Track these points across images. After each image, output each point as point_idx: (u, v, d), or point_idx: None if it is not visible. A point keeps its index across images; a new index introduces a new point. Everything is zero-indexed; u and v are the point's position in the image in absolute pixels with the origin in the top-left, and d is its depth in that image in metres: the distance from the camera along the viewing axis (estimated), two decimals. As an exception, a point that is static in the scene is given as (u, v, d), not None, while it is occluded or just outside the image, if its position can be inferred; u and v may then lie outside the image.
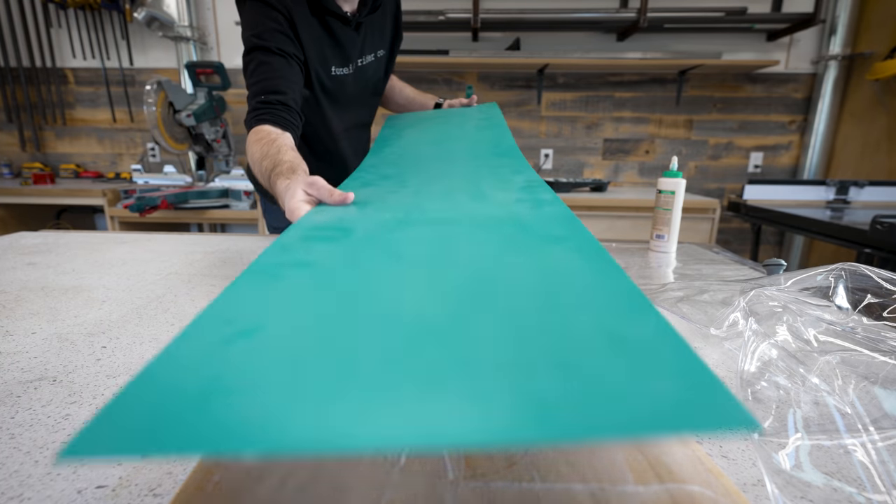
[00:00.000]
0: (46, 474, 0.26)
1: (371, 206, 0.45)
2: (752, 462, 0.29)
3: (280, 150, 0.62)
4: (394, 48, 0.97)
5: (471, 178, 0.55)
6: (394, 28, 0.95)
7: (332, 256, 0.30)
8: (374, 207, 0.44)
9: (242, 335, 0.21)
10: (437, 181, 0.55)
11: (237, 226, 2.48)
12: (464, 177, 0.56)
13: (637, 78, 2.24)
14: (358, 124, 0.99)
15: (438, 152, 0.72)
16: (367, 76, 0.92)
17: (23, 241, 0.86)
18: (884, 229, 1.17)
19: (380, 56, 0.93)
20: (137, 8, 2.10)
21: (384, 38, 0.93)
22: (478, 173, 0.57)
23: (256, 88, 0.71)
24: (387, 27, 0.92)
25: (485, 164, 0.63)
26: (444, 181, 0.54)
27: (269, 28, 0.72)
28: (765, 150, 2.29)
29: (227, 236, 0.92)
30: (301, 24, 0.75)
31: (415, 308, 0.23)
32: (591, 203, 1.85)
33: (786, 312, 0.43)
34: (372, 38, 0.89)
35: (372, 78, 0.94)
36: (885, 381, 0.36)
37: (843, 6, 2.05)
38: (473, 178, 0.55)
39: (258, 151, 0.64)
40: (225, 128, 2.09)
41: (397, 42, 0.97)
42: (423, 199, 0.46)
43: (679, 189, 0.84)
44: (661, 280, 0.69)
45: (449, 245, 0.32)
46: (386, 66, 0.97)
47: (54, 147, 2.43)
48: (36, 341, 0.44)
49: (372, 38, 0.89)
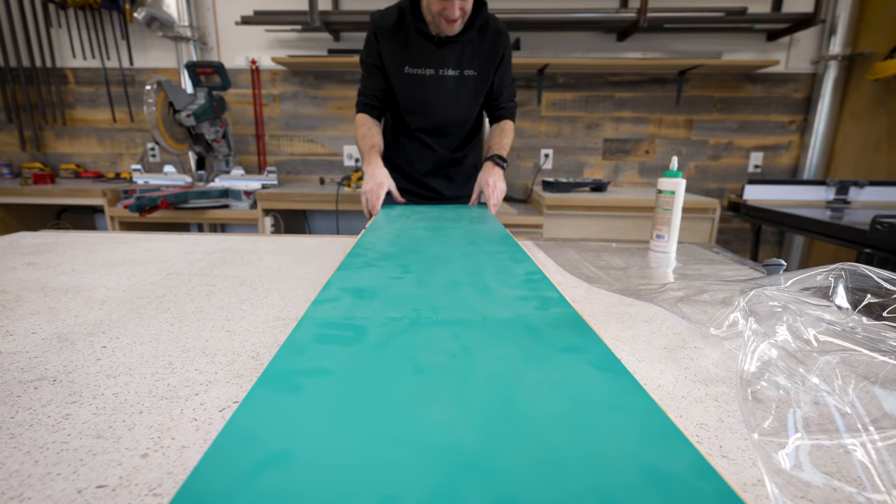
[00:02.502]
0: (46, 474, 0.26)
1: (379, 299, 0.45)
2: (752, 462, 0.29)
3: (372, 134, 1.17)
4: (486, 73, 1.17)
5: (472, 268, 0.56)
6: (488, 57, 1.15)
7: (348, 363, 0.31)
8: (382, 301, 0.44)
9: (272, 462, 0.21)
10: (440, 269, 0.56)
11: (237, 226, 2.48)
12: (465, 266, 0.57)
13: (637, 78, 2.24)
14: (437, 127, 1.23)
15: (435, 236, 0.76)
16: (447, 86, 1.15)
17: (23, 241, 0.86)
18: (884, 229, 1.17)
19: (467, 74, 1.16)
20: (137, 8, 2.10)
21: (474, 61, 1.15)
22: (477, 261, 0.59)
23: (360, 89, 1.20)
24: (480, 53, 1.14)
25: (482, 250, 0.66)
26: (446, 269, 0.56)
27: (366, 46, 1.16)
28: (765, 150, 2.29)
29: (227, 236, 0.92)
30: (382, 38, 1.12)
31: (446, 434, 0.23)
32: (591, 203, 1.85)
33: (786, 312, 0.43)
34: (459, 57, 1.13)
35: (454, 89, 1.16)
36: (885, 381, 0.36)
37: (843, 6, 2.05)
38: (475, 268, 0.56)
39: (360, 131, 1.18)
40: (225, 128, 2.09)
41: (490, 69, 1.16)
42: (431, 292, 0.47)
43: (679, 189, 0.84)
44: (661, 280, 0.69)
45: (466, 355, 0.32)
46: (475, 85, 1.18)
47: (54, 147, 2.43)
48: (36, 341, 0.44)
49: (458, 57, 1.13)
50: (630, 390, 0.27)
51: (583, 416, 0.25)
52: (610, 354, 0.32)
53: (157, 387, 0.36)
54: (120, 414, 0.33)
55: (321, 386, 0.28)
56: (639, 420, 0.24)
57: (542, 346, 0.34)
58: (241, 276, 0.65)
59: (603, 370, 0.30)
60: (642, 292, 0.62)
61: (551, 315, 0.40)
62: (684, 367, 0.42)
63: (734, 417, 0.34)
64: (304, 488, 0.19)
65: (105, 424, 0.31)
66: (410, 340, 0.35)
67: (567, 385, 0.28)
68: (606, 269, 0.74)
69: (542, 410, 0.25)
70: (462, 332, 0.37)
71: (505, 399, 0.27)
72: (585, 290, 0.64)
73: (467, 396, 0.27)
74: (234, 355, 0.42)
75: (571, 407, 0.25)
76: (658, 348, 0.46)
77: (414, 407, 0.26)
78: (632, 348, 0.46)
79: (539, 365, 0.31)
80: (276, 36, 2.26)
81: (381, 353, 0.33)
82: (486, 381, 0.29)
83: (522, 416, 0.25)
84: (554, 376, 0.29)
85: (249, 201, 1.96)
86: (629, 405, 0.25)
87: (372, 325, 0.38)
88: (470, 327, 0.38)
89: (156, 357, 0.41)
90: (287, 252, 0.81)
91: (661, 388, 0.38)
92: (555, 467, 0.20)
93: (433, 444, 0.22)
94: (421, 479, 0.20)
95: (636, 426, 0.23)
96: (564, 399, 0.26)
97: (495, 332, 0.37)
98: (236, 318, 0.50)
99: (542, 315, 0.40)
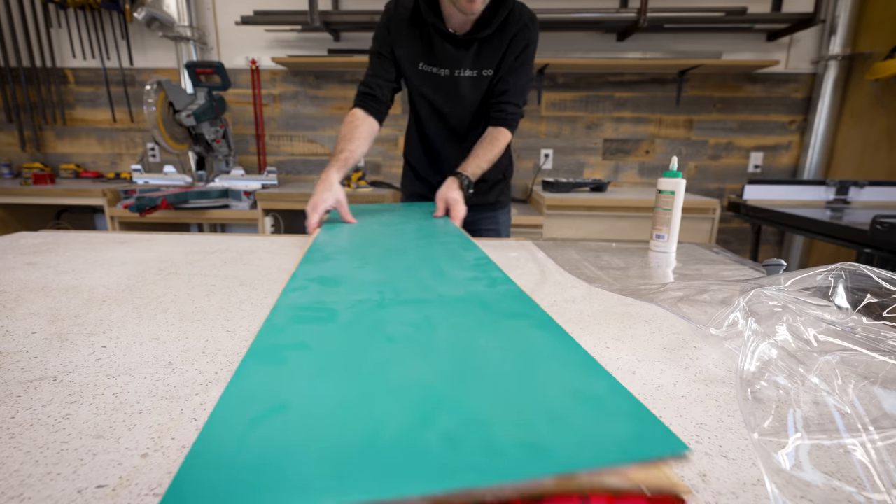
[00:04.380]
0: (46, 474, 0.26)
1: (344, 286, 0.48)
2: (752, 462, 0.29)
3: (351, 138, 0.98)
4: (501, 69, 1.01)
5: (427, 256, 0.61)
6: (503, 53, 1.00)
7: (326, 338, 0.33)
8: (348, 287, 0.48)
9: (271, 413, 0.24)
10: (397, 258, 0.60)
11: (237, 226, 2.48)
12: (420, 255, 0.62)
13: (637, 78, 2.24)
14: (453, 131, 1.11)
15: (389, 231, 0.80)
16: (463, 87, 1.03)
17: (23, 241, 0.86)
18: (884, 229, 1.17)
19: (485, 75, 1.02)
20: (137, 8, 2.10)
21: (493, 59, 1.00)
22: (431, 250, 0.65)
23: (363, 80, 1.04)
24: (501, 50, 1.00)
25: (435, 241, 0.71)
26: (403, 258, 0.60)
27: (377, 36, 1.03)
28: (765, 150, 2.29)
29: (227, 236, 0.92)
30: (395, 29, 1.00)
31: (420, 382, 0.28)
32: (591, 203, 1.85)
33: (786, 312, 0.43)
34: (476, 55, 1.00)
35: (470, 90, 1.04)
36: (885, 381, 0.36)
37: (843, 6, 2.05)
38: (429, 256, 0.61)
39: (343, 130, 1.00)
40: (225, 128, 2.09)
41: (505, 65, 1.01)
42: (391, 277, 0.51)
43: (679, 189, 0.84)
44: (661, 280, 0.69)
45: (429, 326, 0.38)
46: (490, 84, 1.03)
47: (54, 147, 2.43)
48: (36, 341, 0.44)
49: (476, 55, 1.00)
50: (564, 342, 0.34)
51: (527, 361, 0.31)
52: (549, 319, 0.39)
53: (157, 387, 0.36)
54: (120, 414, 0.33)
55: (304, 356, 0.31)
56: (571, 362, 0.31)
57: (492, 315, 0.40)
58: (241, 276, 0.65)
59: (543, 329, 0.36)
60: (642, 292, 0.62)
61: (499, 291, 0.47)
62: (684, 367, 0.42)
63: (734, 417, 0.34)
64: (303, 429, 0.23)
65: (105, 424, 0.31)
66: (378, 317, 0.39)
67: (514, 341, 0.34)
68: (606, 269, 0.74)
69: (495, 359, 0.31)
70: (423, 308, 0.41)
71: (465, 353, 0.32)
72: (585, 290, 0.64)
73: (434, 354, 0.32)
74: (234, 355, 0.41)
75: (518, 356, 0.32)
76: (658, 348, 0.46)
77: (389, 364, 0.30)
78: (632, 348, 0.46)
79: (491, 328, 0.37)
80: (276, 36, 2.26)
81: (353, 328, 0.37)
82: (448, 342, 0.34)
83: (480, 364, 0.31)
84: (503, 335, 0.36)
85: (249, 201, 1.96)
86: (563, 352, 0.32)
87: (341, 307, 0.42)
88: (429, 304, 0.43)
89: (156, 357, 0.41)
90: (287, 252, 0.81)
91: (661, 388, 0.38)
92: (507, 397, 0.26)
93: (409, 388, 0.27)
94: (402, 414, 0.24)
95: (568, 366, 0.30)
96: (512, 351, 0.33)
97: (452, 307, 0.42)
98: (236, 318, 0.50)
99: (491, 291, 0.46)
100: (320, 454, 0.21)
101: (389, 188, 2.15)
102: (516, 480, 0.20)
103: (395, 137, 2.35)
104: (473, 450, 0.21)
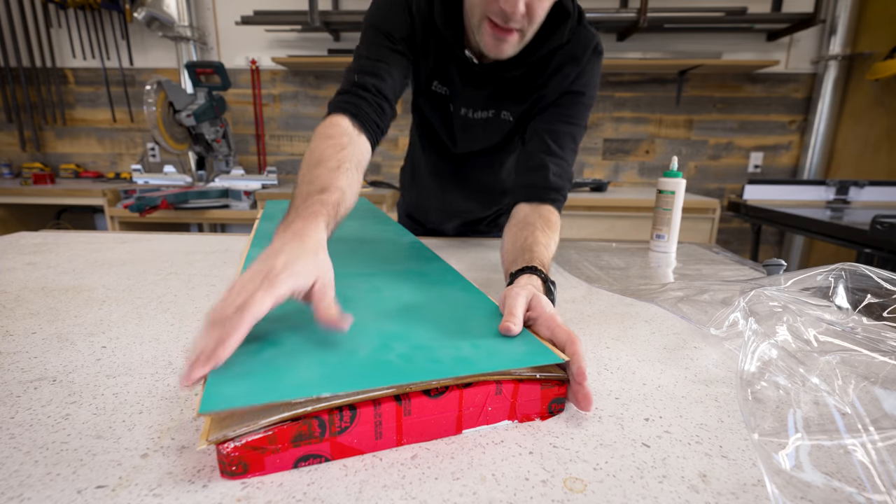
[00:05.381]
0: (46, 474, 0.26)
1: None
2: (752, 462, 0.29)
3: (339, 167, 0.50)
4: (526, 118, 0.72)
5: (366, 240, 0.70)
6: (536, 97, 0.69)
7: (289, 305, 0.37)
8: None
9: (266, 347, 0.33)
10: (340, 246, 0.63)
11: (237, 226, 2.48)
12: (363, 241, 0.70)
13: (637, 78, 2.24)
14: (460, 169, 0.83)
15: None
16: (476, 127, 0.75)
17: (23, 241, 0.86)
18: (884, 229, 1.17)
19: (505, 118, 0.73)
20: (137, 8, 2.10)
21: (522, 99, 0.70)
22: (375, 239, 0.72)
23: (357, 64, 0.62)
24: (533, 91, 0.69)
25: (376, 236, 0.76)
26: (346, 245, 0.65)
27: (386, 12, 0.65)
28: (765, 150, 2.29)
29: (227, 236, 0.92)
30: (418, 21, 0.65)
31: (376, 325, 0.38)
32: (591, 203, 1.85)
33: (786, 312, 0.43)
34: (498, 93, 0.70)
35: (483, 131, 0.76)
36: (886, 382, 0.36)
37: (843, 6, 2.05)
38: (371, 241, 0.69)
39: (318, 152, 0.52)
40: (225, 128, 2.09)
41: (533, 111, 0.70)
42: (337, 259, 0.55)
43: (679, 189, 0.84)
44: (661, 280, 0.69)
45: (379, 289, 0.47)
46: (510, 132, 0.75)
47: (54, 147, 2.43)
48: (36, 341, 0.44)
49: (497, 95, 0.70)
50: (481, 299, 0.45)
51: (454, 310, 0.42)
52: (471, 284, 0.50)
53: (157, 387, 0.36)
54: (120, 414, 0.33)
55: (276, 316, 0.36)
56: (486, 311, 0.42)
57: (427, 281, 0.51)
58: (241, 276, 0.65)
59: (466, 291, 0.48)
60: (642, 292, 0.62)
61: (433, 267, 0.57)
62: (684, 368, 0.42)
63: (734, 417, 0.34)
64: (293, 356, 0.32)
65: (105, 424, 0.31)
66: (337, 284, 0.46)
67: (446, 297, 0.46)
68: (606, 269, 0.74)
69: (432, 309, 0.42)
70: (370, 279, 0.50)
71: (409, 305, 0.43)
72: (585, 290, 0.64)
73: (384, 307, 0.42)
74: (234, 355, 0.41)
75: (448, 306, 0.43)
76: (658, 348, 0.46)
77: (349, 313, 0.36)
78: (632, 348, 0.46)
79: (427, 289, 0.48)
80: (276, 36, 2.26)
81: None
82: (394, 299, 0.44)
83: (421, 312, 0.41)
84: (437, 294, 0.47)
85: (249, 201, 1.96)
86: (480, 304, 0.44)
87: None
88: (375, 276, 0.51)
89: (155, 357, 0.41)
90: (287, 252, 0.80)
91: (661, 388, 0.38)
92: (441, 333, 0.37)
93: (369, 327, 0.37)
94: (366, 343, 0.34)
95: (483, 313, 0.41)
96: (444, 302, 0.44)
97: (396, 277, 0.52)
98: (236, 318, 0.50)
99: (427, 267, 0.57)
100: (310, 367, 0.30)
101: (389, 188, 2.14)
102: (451, 377, 0.30)
103: (396, 137, 2.35)
104: (421, 362, 0.31)
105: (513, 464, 0.28)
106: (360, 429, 0.28)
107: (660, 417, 0.34)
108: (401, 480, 0.27)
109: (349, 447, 0.28)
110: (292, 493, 0.26)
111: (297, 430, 0.27)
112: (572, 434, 0.32)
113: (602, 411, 0.34)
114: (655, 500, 0.26)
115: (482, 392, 0.31)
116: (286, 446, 0.27)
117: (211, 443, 0.25)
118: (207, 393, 0.27)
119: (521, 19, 0.54)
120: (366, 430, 0.28)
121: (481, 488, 0.26)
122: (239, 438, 0.26)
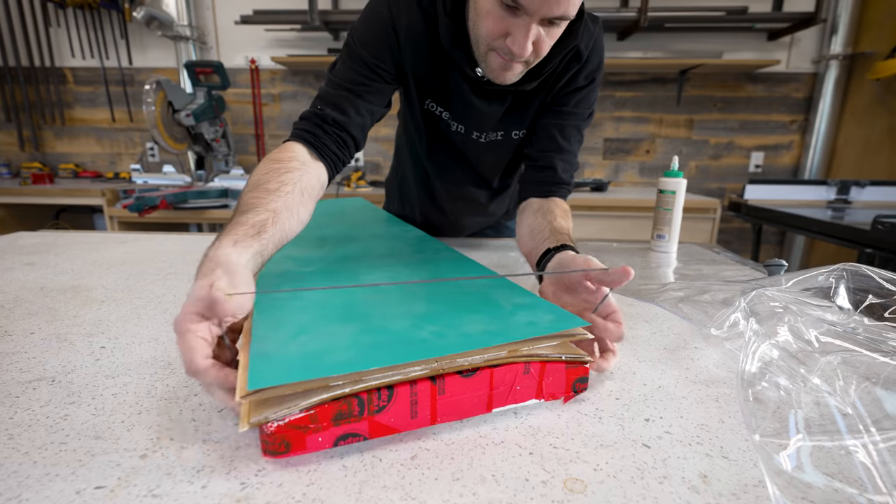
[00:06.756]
0: (45, 475, 0.26)
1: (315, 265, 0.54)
2: (753, 463, 0.29)
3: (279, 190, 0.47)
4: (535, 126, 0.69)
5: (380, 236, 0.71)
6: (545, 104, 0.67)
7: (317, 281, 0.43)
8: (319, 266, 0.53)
9: (302, 331, 0.34)
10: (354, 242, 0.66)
11: (237, 225, 2.48)
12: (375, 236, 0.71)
13: (637, 77, 2.24)
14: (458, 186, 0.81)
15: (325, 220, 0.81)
16: (484, 149, 0.73)
17: (21, 241, 0.86)
18: (885, 229, 1.17)
19: (515, 136, 0.71)
20: (136, 7, 2.10)
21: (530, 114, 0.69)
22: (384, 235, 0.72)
23: (325, 90, 0.61)
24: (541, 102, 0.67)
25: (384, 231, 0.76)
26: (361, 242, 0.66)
27: (367, 33, 0.61)
28: (766, 150, 2.29)
29: (227, 236, 0.92)
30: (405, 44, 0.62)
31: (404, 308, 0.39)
32: (592, 203, 1.85)
33: (787, 313, 0.43)
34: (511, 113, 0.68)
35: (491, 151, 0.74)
36: (887, 382, 0.35)
37: (844, 6, 2.05)
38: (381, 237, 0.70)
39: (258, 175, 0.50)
40: (224, 127, 2.09)
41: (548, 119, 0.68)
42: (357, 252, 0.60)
43: (680, 189, 0.84)
44: (661, 280, 0.69)
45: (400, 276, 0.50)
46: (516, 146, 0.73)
47: (53, 147, 2.43)
48: (35, 341, 0.44)
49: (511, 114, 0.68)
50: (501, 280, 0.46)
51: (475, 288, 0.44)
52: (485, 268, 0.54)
53: (157, 387, 0.36)
54: (119, 414, 0.32)
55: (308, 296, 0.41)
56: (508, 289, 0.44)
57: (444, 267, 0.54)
58: (240, 276, 0.65)
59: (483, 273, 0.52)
60: (643, 292, 0.62)
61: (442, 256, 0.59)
62: (685, 368, 0.41)
63: (735, 418, 0.34)
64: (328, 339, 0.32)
65: (104, 425, 0.31)
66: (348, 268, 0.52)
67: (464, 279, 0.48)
68: (607, 269, 0.73)
69: (454, 291, 0.43)
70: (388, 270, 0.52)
71: (431, 288, 0.45)
72: (586, 290, 0.64)
73: (408, 291, 0.44)
74: (234, 355, 0.41)
75: (468, 287, 0.45)
76: (659, 348, 0.46)
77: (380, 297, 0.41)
78: (632, 348, 0.45)
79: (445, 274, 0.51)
80: (276, 35, 2.25)
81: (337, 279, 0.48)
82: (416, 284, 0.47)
83: (444, 294, 0.43)
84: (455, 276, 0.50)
85: (249, 201, 1.95)
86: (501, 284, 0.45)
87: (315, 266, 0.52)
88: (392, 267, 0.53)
89: (155, 358, 0.41)
90: (287, 252, 0.80)
91: (662, 389, 0.38)
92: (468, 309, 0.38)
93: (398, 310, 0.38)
94: (398, 324, 0.35)
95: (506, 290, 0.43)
96: (463, 284, 0.46)
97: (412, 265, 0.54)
98: (236, 318, 0.50)
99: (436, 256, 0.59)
100: (348, 348, 0.31)
101: (389, 188, 2.14)
102: (482, 348, 0.31)
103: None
104: (453, 337, 0.33)
105: (513, 464, 0.28)
106: (397, 407, 0.30)
107: (660, 418, 0.34)
108: (400, 481, 0.27)
109: (386, 426, 0.30)
110: (292, 493, 0.26)
111: (337, 408, 0.28)
112: (572, 434, 0.31)
113: (602, 412, 0.34)
114: (656, 500, 0.26)
115: (512, 371, 0.33)
116: (327, 425, 0.28)
117: (253, 425, 0.26)
118: (252, 374, 0.27)
119: (528, 55, 0.53)
120: (402, 408, 0.30)
121: (481, 489, 0.26)
122: (282, 418, 0.27)
